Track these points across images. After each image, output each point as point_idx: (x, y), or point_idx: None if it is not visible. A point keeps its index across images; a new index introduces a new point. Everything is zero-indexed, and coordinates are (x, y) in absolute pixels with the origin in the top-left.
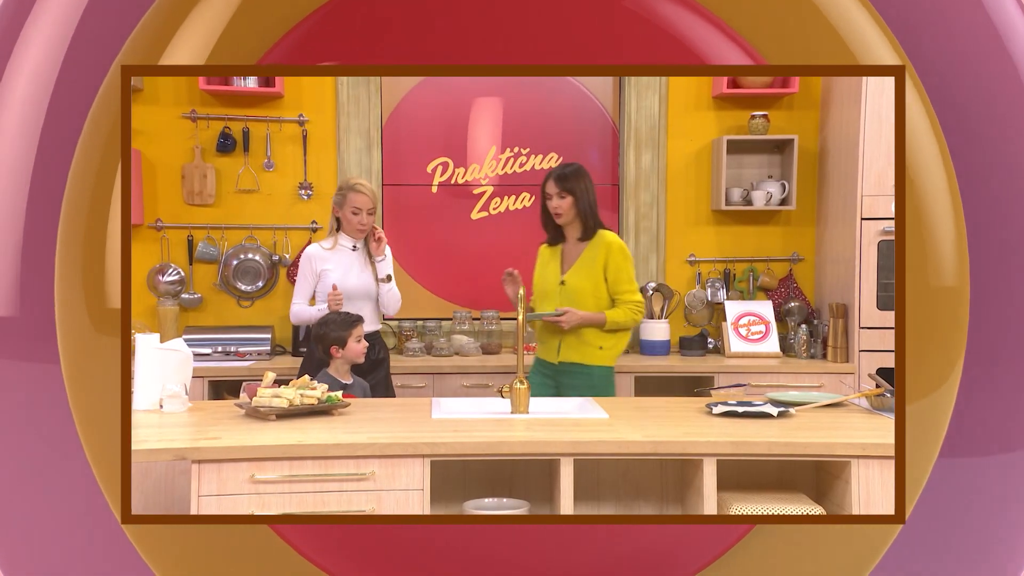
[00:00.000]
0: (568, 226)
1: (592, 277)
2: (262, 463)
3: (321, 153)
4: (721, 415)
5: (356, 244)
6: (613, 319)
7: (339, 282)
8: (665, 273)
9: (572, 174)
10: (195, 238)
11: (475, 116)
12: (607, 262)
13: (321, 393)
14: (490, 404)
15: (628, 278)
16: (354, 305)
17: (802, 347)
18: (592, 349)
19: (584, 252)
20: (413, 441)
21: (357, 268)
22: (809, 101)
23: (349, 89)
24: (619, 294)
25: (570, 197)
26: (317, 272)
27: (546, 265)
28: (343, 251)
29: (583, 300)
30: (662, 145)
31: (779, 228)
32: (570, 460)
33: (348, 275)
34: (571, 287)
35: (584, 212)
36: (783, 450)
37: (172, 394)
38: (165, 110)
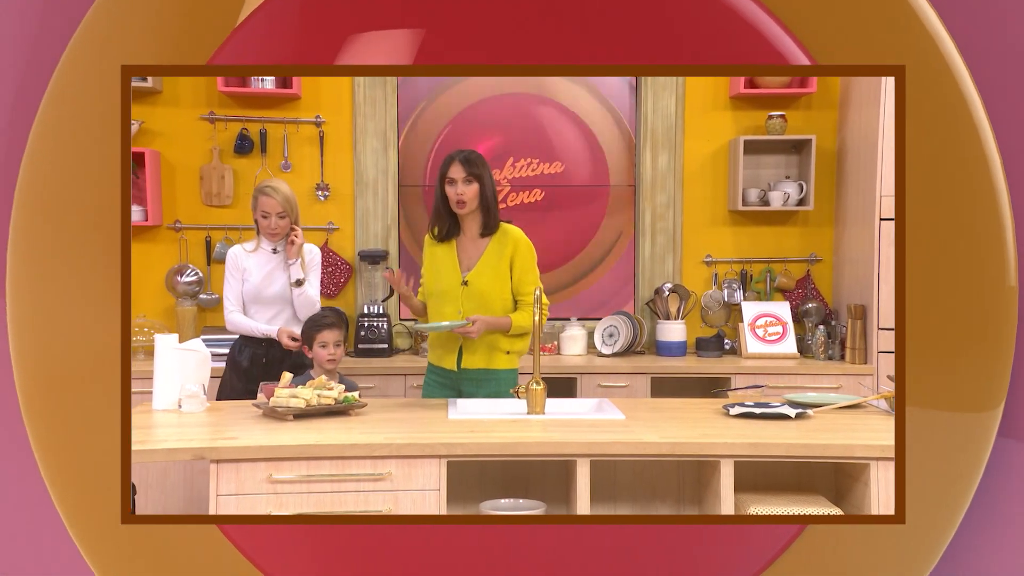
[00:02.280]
0: (468, 217)
1: (499, 277)
2: (279, 463)
3: (338, 154)
4: (738, 416)
5: (277, 247)
6: (519, 324)
7: (258, 285)
8: (681, 274)
9: (479, 159)
10: (213, 239)
11: (496, 125)
12: (513, 259)
13: (338, 394)
14: (506, 405)
15: (533, 279)
16: (272, 309)
17: (820, 348)
18: (499, 354)
19: (488, 248)
20: (430, 442)
21: (275, 272)
22: (827, 101)
23: (366, 90)
24: (523, 295)
25: (476, 184)
26: (241, 272)
27: (440, 262)
28: (264, 254)
29: (489, 303)
30: (679, 145)
31: (796, 229)
32: (586, 461)
33: (267, 279)
34: (476, 288)
35: (488, 203)
36: (802, 452)
37: (190, 394)
38: (184, 112)
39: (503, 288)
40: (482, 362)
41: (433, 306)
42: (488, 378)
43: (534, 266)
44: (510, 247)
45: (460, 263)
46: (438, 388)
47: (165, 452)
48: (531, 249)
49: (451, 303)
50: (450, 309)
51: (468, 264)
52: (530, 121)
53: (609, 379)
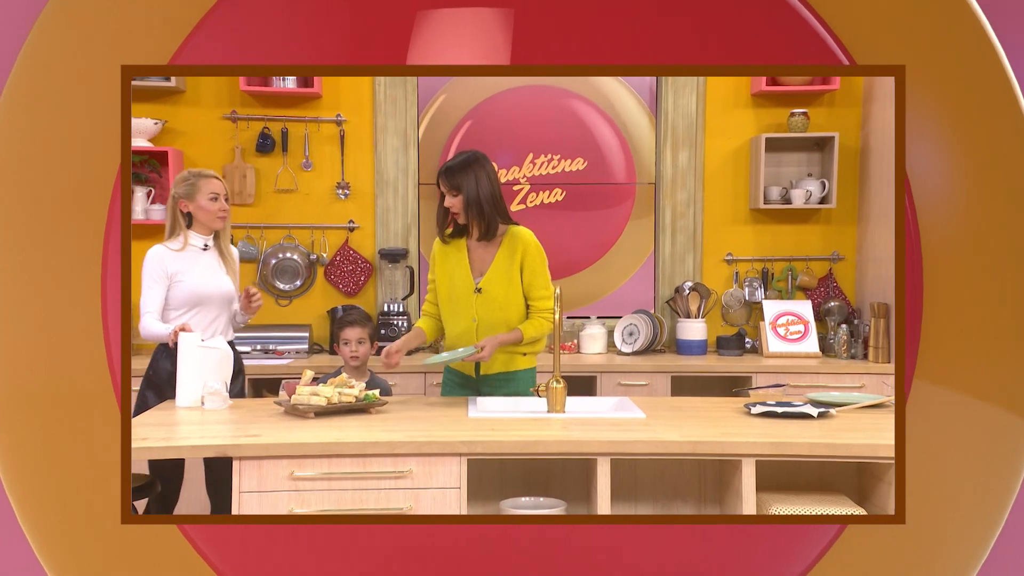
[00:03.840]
0: (468, 223)
1: (512, 282)
2: (301, 460)
3: (358, 153)
4: (760, 415)
5: (207, 243)
6: (530, 336)
7: (196, 288)
8: (702, 272)
9: (461, 166)
10: (235, 237)
11: (515, 122)
12: (523, 262)
13: (359, 391)
14: (526, 403)
15: (544, 282)
16: (209, 313)
17: (842, 347)
18: (516, 357)
19: (499, 254)
20: (450, 440)
21: (212, 271)
22: (850, 98)
23: (387, 89)
24: (534, 300)
25: (459, 195)
26: (169, 275)
27: (452, 268)
28: (194, 252)
29: (504, 309)
30: (699, 143)
31: (819, 227)
32: (607, 460)
33: (205, 280)
34: (489, 296)
35: (476, 209)
36: (824, 451)
37: (213, 391)
38: (207, 111)
39: (516, 293)
40: (500, 366)
41: (447, 313)
42: (507, 379)
43: (544, 269)
44: (520, 251)
45: (472, 268)
46: (457, 388)
47: (189, 449)
48: (541, 251)
49: (465, 310)
50: (464, 316)
51: (480, 269)
52: (551, 114)
53: (629, 378)
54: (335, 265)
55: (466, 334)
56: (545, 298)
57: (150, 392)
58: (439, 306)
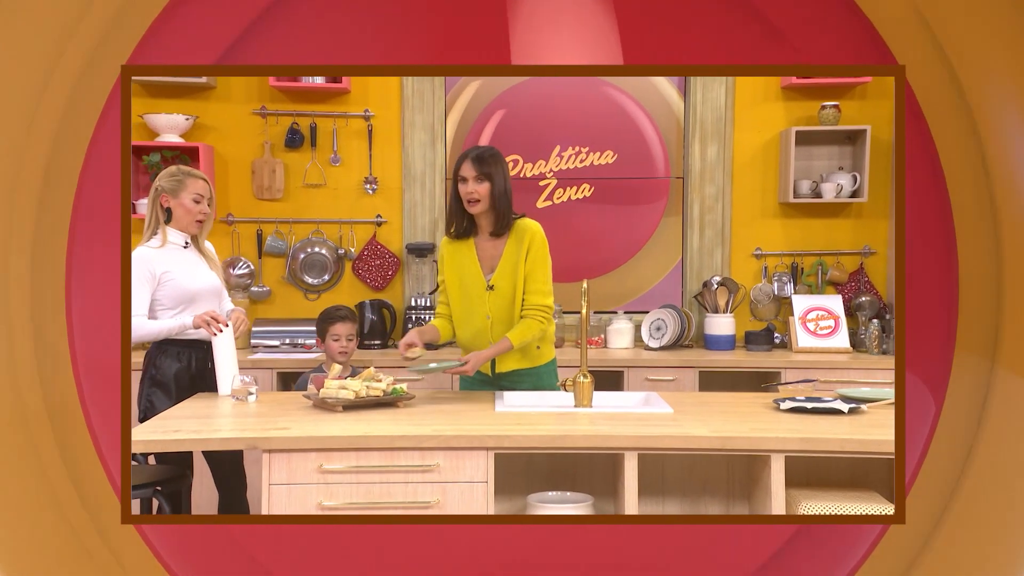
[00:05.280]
0: (481, 216)
1: (522, 276)
2: (329, 453)
3: (386, 148)
4: (789, 411)
5: (187, 240)
6: (519, 342)
7: (188, 285)
8: (730, 267)
9: (491, 157)
10: (264, 232)
11: (542, 115)
12: (528, 251)
13: (387, 385)
14: (553, 398)
15: (543, 276)
16: (201, 308)
17: (874, 342)
18: (531, 352)
19: (507, 248)
20: (478, 434)
21: (197, 266)
22: (882, 90)
23: (414, 84)
24: (529, 292)
25: (488, 183)
26: (157, 276)
27: (462, 264)
28: (175, 249)
29: (517, 305)
30: (728, 137)
31: (849, 221)
32: (634, 455)
33: (194, 276)
34: (501, 292)
35: (499, 202)
36: (855, 447)
37: (243, 384)
38: (237, 107)
39: None
40: (515, 363)
41: (459, 311)
42: (527, 374)
43: (546, 264)
44: (527, 240)
45: (482, 265)
46: (477, 385)
47: (219, 441)
48: (545, 244)
49: (478, 307)
50: (478, 314)
51: (490, 265)
52: (582, 104)
53: (656, 373)
54: (363, 259)
55: (481, 333)
56: (541, 293)
57: (157, 391)
58: (450, 306)
